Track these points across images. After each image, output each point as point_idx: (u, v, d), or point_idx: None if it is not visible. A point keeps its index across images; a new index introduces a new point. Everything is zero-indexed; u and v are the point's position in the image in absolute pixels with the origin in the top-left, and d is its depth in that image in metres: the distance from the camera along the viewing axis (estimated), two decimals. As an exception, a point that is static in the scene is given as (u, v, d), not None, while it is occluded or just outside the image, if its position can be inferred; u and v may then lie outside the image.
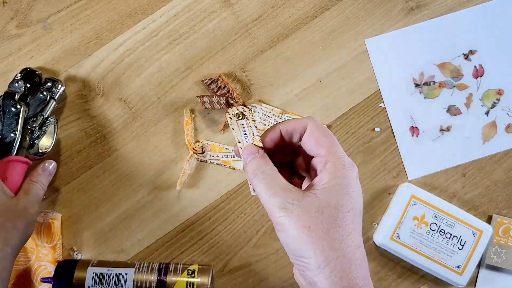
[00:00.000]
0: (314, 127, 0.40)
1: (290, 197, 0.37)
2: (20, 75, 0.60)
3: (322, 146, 0.39)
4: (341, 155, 0.39)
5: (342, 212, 0.37)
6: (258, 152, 0.41)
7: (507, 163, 0.63)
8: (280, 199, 0.37)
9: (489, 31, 0.64)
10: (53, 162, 0.59)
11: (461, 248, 0.58)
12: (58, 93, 0.61)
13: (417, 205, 0.59)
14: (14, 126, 0.58)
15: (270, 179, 0.39)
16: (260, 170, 0.39)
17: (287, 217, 0.37)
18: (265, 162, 0.40)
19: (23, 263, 0.60)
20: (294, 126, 0.41)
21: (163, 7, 0.63)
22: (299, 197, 0.37)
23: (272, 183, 0.38)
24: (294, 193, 0.38)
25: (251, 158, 0.41)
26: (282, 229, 0.37)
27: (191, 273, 0.57)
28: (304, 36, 0.64)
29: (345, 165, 0.38)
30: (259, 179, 0.39)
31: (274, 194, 0.38)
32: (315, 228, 0.36)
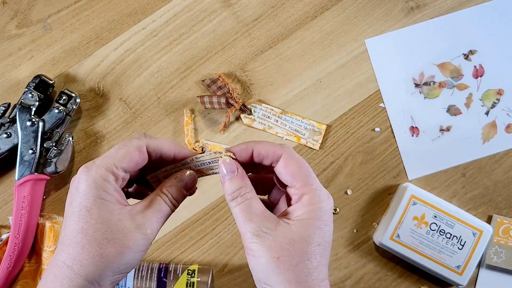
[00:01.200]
0: (288, 158, 0.40)
1: (264, 225, 0.37)
2: (33, 84, 0.59)
3: (297, 179, 0.39)
4: (316, 187, 0.39)
5: (313, 246, 0.37)
6: (237, 170, 0.40)
7: (507, 163, 0.63)
8: (255, 226, 0.38)
9: (489, 31, 0.64)
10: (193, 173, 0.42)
11: (461, 248, 0.58)
12: (73, 110, 0.60)
13: (417, 205, 0.59)
14: (32, 143, 0.58)
15: (247, 205, 0.39)
16: (238, 192, 0.39)
17: (259, 245, 0.37)
18: (244, 183, 0.40)
19: (34, 264, 0.60)
20: (267, 152, 0.40)
21: (163, 7, 0.63)
22: (273, 226, 0.38)
23: (249, 208, 0.38)
24: (268, 221, 0.38)
25: (229, 177, 0.40)
26: (252, 254, 0.38)
27: (191, 273, 0.57)
28: (304, 36, 0.64)
29: (321, 199, 0.39)
30: (237, 202, 0.39)
31: (249, 220, 0.38)
32: (285, 260, 0.36)
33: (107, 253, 0.36)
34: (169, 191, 0.40)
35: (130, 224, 0.37)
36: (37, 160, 0.58)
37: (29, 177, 0.57)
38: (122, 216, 0.37)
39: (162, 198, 0.40)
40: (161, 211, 0.39)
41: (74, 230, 0.36)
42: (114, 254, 0.36)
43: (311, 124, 0.63)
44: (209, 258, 0.61)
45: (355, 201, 0.62)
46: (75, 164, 0.62)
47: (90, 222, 0.36)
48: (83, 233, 0.36)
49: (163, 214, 0.39)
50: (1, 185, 0.62)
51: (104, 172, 0.37)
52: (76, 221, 0.36)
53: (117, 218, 0.37)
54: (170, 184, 0.41)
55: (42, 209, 0.61)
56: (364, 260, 0.62)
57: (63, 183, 0.62)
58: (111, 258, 0.36)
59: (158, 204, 0.39)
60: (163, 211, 0.39)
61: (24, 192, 0.57)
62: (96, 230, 0.36)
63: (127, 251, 0.36)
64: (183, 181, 0.41)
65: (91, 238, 0.36)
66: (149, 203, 0.39)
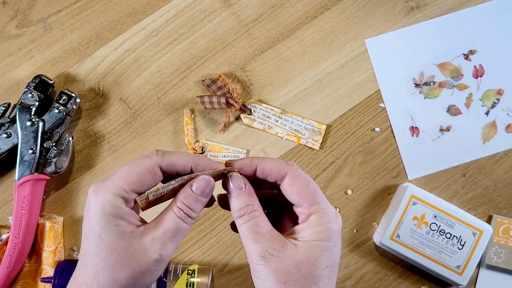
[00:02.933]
0: (294, 177, 0.38)
1: (271, 247, 0.36)
2: (33, 84, 0.59)
3: (304, 198, 0.38)
4: (324, 207, 0.38)
5: (321, 269, 0.36)
6: (245, 186, 0.39)
7: (507, 163, 0.63)
8: (261, 247, 0.36)
9: (489, 31, 0.64)
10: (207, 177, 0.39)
11: (461, 248, 0.58)
12: (73, 110, 0.60)
13: (417, 205, 0.59)
14: (32, 143, 0.58)
15: (254, 223, 0.37)
16: (246, 210, 0.38)
17: (265, 267, 0.36)
18: (251, 200, 0.38)
19: (34, 264, 0.60)
20: (272, 169, 0.39)
21: (163, 7, 0.63)
22: (280, 247, 0.36)
23: (256, 227, 0.37)
24: (275, 242, 0.37)
25: (236, 193, 0.38)
26: (257, 276, 0.37)
27: (191, 273, 0.57)
28: (304, 36, 0.64)
29: (329, 219, 0.37)
30: (244, 220, 0.38)
31: (256, 241, 0.37)
32: (291, 284, 0.36)
33: (120, 278, 0.35)
34: (184, 203, 0.37)
35: (141, 249, 0.36)
36: (37, 160, 0.58)
37: (29, 177, 0.57)
38: (132, 240, 0.36)
39: (176, 214, 0.37)
40: (176, 231, 0.37)
41: (91, 252, 0.36)
42: (126, 279, 0.35)
43: (311, 124, 0.63)
44: (209, 258, 0.61)
45: (355, 201, 0.62)
46: (75, 164, 0.62)
47: (101, 247, 0.36)
48: (97, 257, 0.36)
49: (178, 233, 0.37)
50: (1, 185, 0.62)
51: (113, 197, 0.36)
52: (91, 244, 0.36)
53: (127, 243, 0.36)
54: (185, 195, 0.38)
55: (42, 209, 0.61)
56: (364, 260, 0.62)
57: (63, 183, 0.62)
58: (123, 283, 0.36)
59: (171, 223, 0.37)
60: (178, 230, 0.37)
61: (24, 192, 0.57)
62: (108, 255, 0.35)
63: (139, 276, 0.36)
64: (198, 188, 0.38)
65: (104, 263, 0.35)
66: (161, 221, 0.37)
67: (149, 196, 0.38)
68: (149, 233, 0.36)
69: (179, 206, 0.37)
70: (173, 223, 0.37)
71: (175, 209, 0.37)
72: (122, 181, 0.36)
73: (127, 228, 0.36)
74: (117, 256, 0.35)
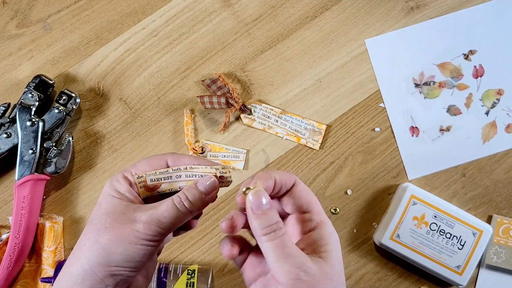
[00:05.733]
0: (301, 184, 0.40)
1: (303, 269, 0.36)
2: (33, 84, 0.59)
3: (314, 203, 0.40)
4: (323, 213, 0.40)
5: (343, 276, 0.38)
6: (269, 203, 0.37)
7: (507, 163, 0.63)
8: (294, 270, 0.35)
9: (489, 31, 0.64)
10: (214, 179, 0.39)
11: (461, 248, 0.58)
12: (73, 110, 0.60)
13: (417, 205, 0.59)
14: (32, 143, 0.58)
15: (282, 241, 0.36)
16: (272, 228, 0.36)
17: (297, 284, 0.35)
18: (277, 217, 0.37)
19: (34, 264, 0.60)
20: (286, 179, 0.39)
21: (163, 7, 0.63)
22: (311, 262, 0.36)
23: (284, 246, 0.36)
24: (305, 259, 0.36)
25: (261, 211, 0.37)
26: None
27: (191, 273, 0.57)
28: (304, 36, 0.64)
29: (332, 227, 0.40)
30: (270, 238, 0.36)
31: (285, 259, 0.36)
32: None
33: (101, 239, 0.36)
34: (185, 192, 0.38)
35: (130, 218, 0.37)
36: (37, 160, 0.58)
37: (29, 177, 0.57)
38: (126, 210, 0.38)
39: (173, 200, 0.38)
40: (167, 214, 0.37)
41: (92, 216, 0.39)
42: (106, 241, 0.36)
43: (311, 124, 0.63)
44: (209, 258, 0.61)
45: (355, 201, 0.62)
46: (75, 164, 0.62)
47: (97, 214, 0.38)
48: (89, 223, 0.38)
49: (169, 218, 0.37)
50: (1, 185, 0.62)
51: (121, 176, 0.39)
52: (94, 212, 0.39)
53: (120, 211, 0.37)
54: (188, 187, 0.39)
55: (42, 209, 0.61)
56: (364, 260, 0.62)
57: (63, 183, 0.62)
58: (104, 245, 0.36)
59: (166, 206, 0.38)
60: (171, 215, 0.37)
61: (24, 192, 0.57)
62: (100, 220, 0.37)
63: (118, 240, 0.36)
64: (203, 185, 0.39)
65: (93, 226, 0.37)
66: (158, 203, 0.38)
67: (147, 179, 0.39)
68: (142, 210, 0.38)
69: (179, 194, 0.38)
70: (167, 206, 0.38)
71: (175, 197, 0.38)
72: (131, 167, 0.40)
73: (125, 202, 0.38)
74: (107, 219, 0.37)
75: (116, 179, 0.39)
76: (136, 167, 0.40)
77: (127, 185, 0.39)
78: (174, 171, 0.40)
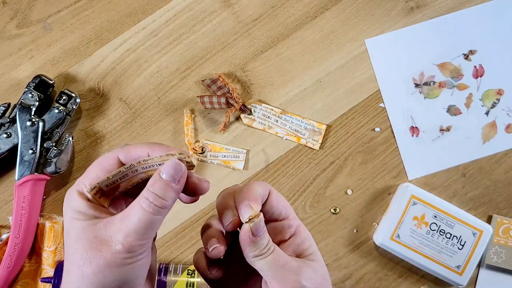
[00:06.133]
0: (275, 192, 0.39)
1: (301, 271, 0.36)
2: (33, 84, 0.59)
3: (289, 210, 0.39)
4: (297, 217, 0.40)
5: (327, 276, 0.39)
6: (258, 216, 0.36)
7: (507, 163, 0.63)
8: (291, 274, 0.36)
9: (489, 31, 0.64)
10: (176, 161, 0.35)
11: (461, 248, 0.58)
12: (73, 110, 0.60)
13: (417, 205, 0.59)
14: (32, 143, 0.58)
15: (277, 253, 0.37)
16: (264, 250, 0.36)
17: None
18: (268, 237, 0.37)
19: (34, 264, 0.60)
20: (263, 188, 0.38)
21: (163, 7, 0.63)
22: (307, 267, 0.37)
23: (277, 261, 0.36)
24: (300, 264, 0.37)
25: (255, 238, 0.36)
26: None
27: (191, 273, 0.57)
28: (304, 36, 0.64)
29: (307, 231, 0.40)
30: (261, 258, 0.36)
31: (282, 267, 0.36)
32: None
33: (86, 274, 0.33)
34: (152, 190, 0.34)
35: (104, 240, 0.33)
36: (37, 160, 0.58)
37: (29, 177, 0.57)
38: (96, 232, 0.33)
39: (141, 204, 0.33)
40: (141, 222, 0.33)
41: (65, 252, 0.35)
42: (92, 275, 0.33)
43: (311, 124, 0.63)
44: (209, 258, 0.61)
45: (355, 201, 0.62)
46: (75, 164, 0.62)
47: (69, 245, 0.34)
48: (66, 256, 0.35)
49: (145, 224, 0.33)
50: (1, 185, 0.62)
51: (76, 193, 0.35)
52: (64, 243, 0.36)
53: (91, 235, 0.33)
54: (152, 182, 0.34)
55: (42, 209, 0.61)
56: (364, 260, 0.62)
57: (63, 183, 0.62)
58: (91, 279, 0.33)
59: (136, 212, 0.33)
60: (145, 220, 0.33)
61: (24, 192, 0.57)
62: (75, 252, 0.34)
63: (105, 270, 0.33)
64: (166, 173, 0.34)
65: (72, 260, 0.34)
66: (127, 211, 0.34)
67: (101, 186, 0.35)
68: (114, 224, 0.33)
69: (145, 194, 0.34)
70: (138, 214, 0.33)
71: (141, 199, 0.34)
72: (84, 178, 0.35)
73: (91, 221, 0.34)
74: (81, 249, 0.33)
75: (72, 198, 0.35)
76: (88, 176, 0.35)
77: (85, 201, 0.35)
78: (128, 168, 0.35)
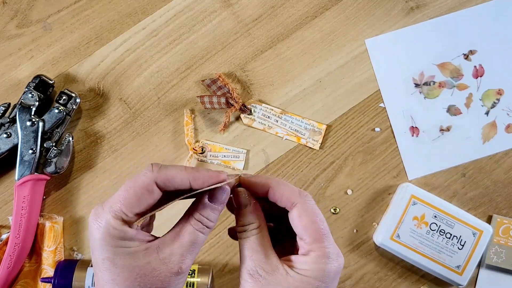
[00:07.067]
0: (303, 209, 0.37)
1: (261, 267, 0.36)
2: (33, 84, 0.59)
3: (308, 233, 0.37)
4: (327, 246, 0.37)
5: None
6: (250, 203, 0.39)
7: (507, 163, 0.63)
8: (253, 265, 0.36)
9: (489, 31, 0.64)
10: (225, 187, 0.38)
11: (461, 248, 0.58)
12: (73, 110, 0.60)
13: (417, 205, 0.59)
14: (32, 143, 0.58)
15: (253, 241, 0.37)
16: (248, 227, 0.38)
17: (250, 285, 0.36)
18: (254, 219, 0.38)
19: (34, 264, 0.60)
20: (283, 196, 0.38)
21: (163, 7, 0.63)
22: (271, 270, 0.36)
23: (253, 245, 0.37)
24: (268, 264, 0.37)
25: (241, 210, 0.39)
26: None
27: (191, 273, 0.57)
28: (304, 36, 0.64)
29: (329, 260, 0.37)
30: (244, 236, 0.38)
31: (249, 258, 0.37)
32: None
33: None
34: (203, 215, 0.36)
35: (160, 265, 0.34)
36: (37, 160, 0.58)
37: (29, 177, 0.57)
38: (149, 258, 0.34)
39: (194, 227, 0.36)
40: (194, 242, 0.36)
41: (106, 278, 0.34)
42: None
43: (311, 124, 0.63)
44: (209, 258, 0.61)
45: (355, 201, 0.62)
46: (75, 164, 0.62)
47: (116, 272, 0.34)
48: (114, 282, 0.34)
49: (196, 245, 0.36)
50: (1, 185, 0.62)
51: (115, 221, 0.34)
52: (103, 272, 0.34)
53: (144, 262, 0.34)
54: (203, 207, 0.37)
55: (42, 209, 0.61)
56: (364, 260, 0.62)
57: (63, 183, 0.62)
58: None
59: (189, 235, 0.36)
60: (196, 241, 0.36)
61: (24, 192, 0.57)
62: (126, 279, 0.34)
63: None
64: (216, 199, 0.37)
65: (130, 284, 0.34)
66: (178, 234, 0.36)
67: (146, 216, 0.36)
68: (166, 248, 0.35)
69: (197, 218, 0.36)
70: (190, 236, 0.36)
71: (193, 222, 0.36)
72: (120, 204, 0.35)
73: (140, 247, 0.35)
74: (135, 277, 0.34)
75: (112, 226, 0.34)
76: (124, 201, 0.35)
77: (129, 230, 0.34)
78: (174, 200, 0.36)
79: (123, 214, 0.34)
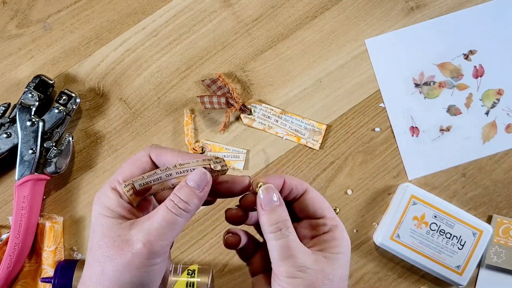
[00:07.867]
0: (314, 191, 0.40)
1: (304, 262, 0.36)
2: (33, 84, 0.59)
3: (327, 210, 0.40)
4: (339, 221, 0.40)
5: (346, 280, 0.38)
6: (279, 200, 0.38)
7: (507, 163, 0.63)
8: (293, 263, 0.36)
9: (489, 31, 0.64)
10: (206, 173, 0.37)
11: (461, 248, 0.58)
12: (73, 110, 0.60)
13: (417, 205, 0.59)
14: (32, 143, 0.58)
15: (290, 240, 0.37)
16: (280, 225, 0.37)
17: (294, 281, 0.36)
18: (286, 215, 0.37)
19: (34, 264, 0.60)
20: (297, 184, 0.39)
21: (163, 7, 0.63)
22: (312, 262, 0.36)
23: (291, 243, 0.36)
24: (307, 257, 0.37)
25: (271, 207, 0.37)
26: None
27: (191, 273, 0.57)
28: (304, 36, 0.64)
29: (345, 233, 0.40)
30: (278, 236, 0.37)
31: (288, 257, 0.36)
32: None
33: (106, 271, 0.34)
34: (177, 194, 0.36)
35: (127, 240, 0.35)
36: (37, 160, 0.58)
37: (29, 177, 0.57)
38: (121, 231, 0.35)
39: (167, 205, 0.36)
40: (166, 222, 0.35)
41: (89, 245, 0.37)
42: (111, 272, 0.34)
43: (311, 124, 0.63)
44: (209, 258, 0.61)
45: (355, 201, 0.62)
46: (75, 164, 0.62)
47: (94, 241, 0.36)
48: (89, 251, 0.36)
49: (168, 225, 0.35)
50: (1, 185, 0.62)
51: (109, 190, 0.37)
52: (90, 238, 0.37)
53: (115, 234, 0.35)
54: (179, 187, 0.36)
55: (42, 209, 0.61)
56: (364, 260, 0.62)
57: (63, 183, 0.62)
58: (110, 276, 0.34)
59: (161, 214, 0.35)
60: (169, 222, 0.35)
61: (24, 192, 0.57)
62: (99, 249, 0.35)
63: (123, 270, 0.34)
64: (193, 180, 0.36)
65: (94, 257, 0.35)
66: (153, 213, 0.36)
67: (135, 185, 0.37)
68: (138, 225, 0.35)
69: (171, 197, 0.36)
70: (162, 214, 0.35)
71: (167, 201, 0.36)
72: (117, 174, 0.37)
73: (118, 220, 0.36)
74: (104, 246, 0.35)
75: (104, 193, 0.37)
76: (122, 173, 0.37)
77: (117, 198, 0.36)
78: (163, 171, 0.37)
79: (117, 182, 0.37)
